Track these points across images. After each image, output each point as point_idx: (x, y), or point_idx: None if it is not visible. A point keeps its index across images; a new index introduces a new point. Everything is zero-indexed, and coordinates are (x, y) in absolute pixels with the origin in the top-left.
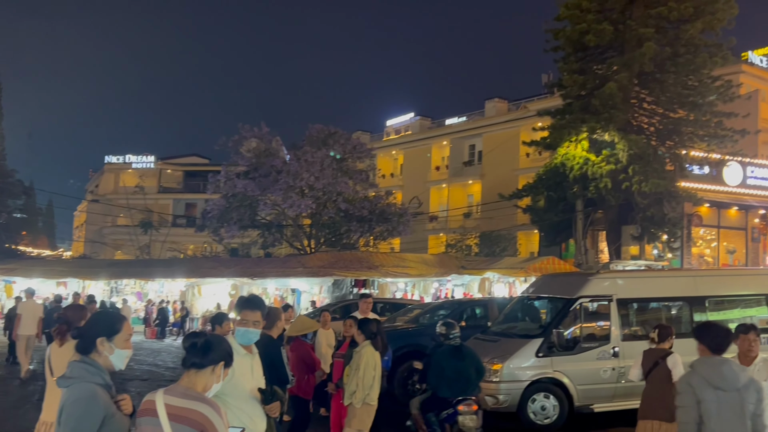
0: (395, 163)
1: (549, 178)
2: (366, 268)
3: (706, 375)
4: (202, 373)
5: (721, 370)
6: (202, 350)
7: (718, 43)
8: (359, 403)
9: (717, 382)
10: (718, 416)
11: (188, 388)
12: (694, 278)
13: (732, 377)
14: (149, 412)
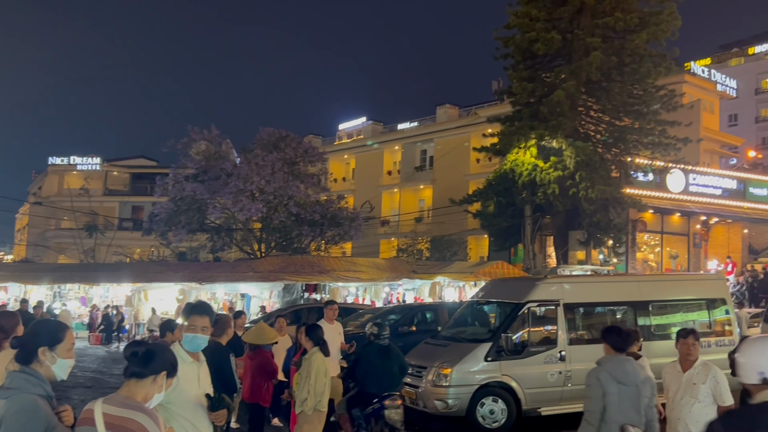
0: (347, 168)
1: (498, 184)
2: (317, 273)
3: (611, 371)
4: (142, 383)
5: (624, 367)
6: (143, 360)
7: (663, 54)
8: (310, 410)
9: (620, 377)
10: (618, 406)
11: (127, 397)
12: (638, 283)
13: (633, 373)
14: (87, 421)
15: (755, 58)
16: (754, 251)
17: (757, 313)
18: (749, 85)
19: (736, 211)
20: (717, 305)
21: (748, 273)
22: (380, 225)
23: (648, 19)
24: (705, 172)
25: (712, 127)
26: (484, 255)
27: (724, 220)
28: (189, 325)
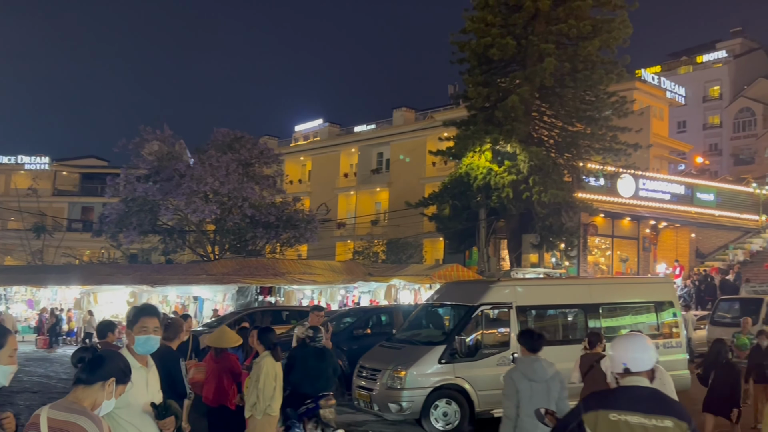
0: (303, 170)
1: (454, 187)
2: (272, 275)
3: (523, 370)
4: (90, 389)
5: (533, 366)
6: (90, 366)
7: (614, 61)
8: (260, 415)
9: (531, 375)
10: (530, 401)
11: (73, 402)
12: (589, 286)
13: (541, 371)
14: (33, 426)
15: (703, 67)
16: (701, 255)
17: (703, 315)
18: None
19: (684, 215)
20: (665, 308)
21: (695, 276)
22: (336, 227)
23: (600, 27)
24: (654, 177)
25: (661, 134)
26: (439, 258)
27: (673, 225)
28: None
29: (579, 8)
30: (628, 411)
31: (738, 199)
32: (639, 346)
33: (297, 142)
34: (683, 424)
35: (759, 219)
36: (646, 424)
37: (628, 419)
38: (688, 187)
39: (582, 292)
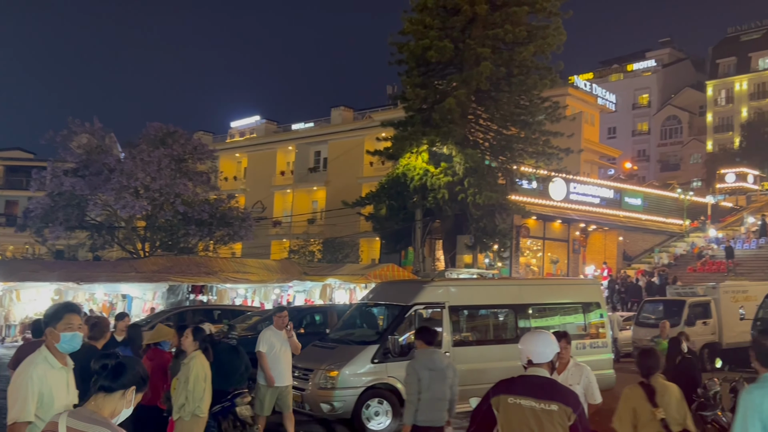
0: (239, 167)
1: (391, 188)
2: (204, 274)
3: (424, 361)
4: (110, 398)
5: (432, 357)
6: (113, 373)
7: (548, 67)
8: (188, 416)
9: (431, 365)
10: (429, 387)
11: (94, 411)
12: (520, 287)
13: (439, 362)
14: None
15: (633, 75)
16: (628, 258)
17: (629, 316)
18: (627, 99)
19: (613, 219)
20: (592, 309)
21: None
22: (272, 226)
23: (535, 33)
24: (585, 181)
25: (592, 139)
26: (375, 257)
27: (602, 228)
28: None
29: (515, 14)
30: (523, 395)
31: (664, 204)
32: (541, 342)
33: (233, 138)
34: (568, 409)
35: (683, 223)
36: (536, 407)
37: (521, 402)
38: (617, 192)
39: (513, 292)
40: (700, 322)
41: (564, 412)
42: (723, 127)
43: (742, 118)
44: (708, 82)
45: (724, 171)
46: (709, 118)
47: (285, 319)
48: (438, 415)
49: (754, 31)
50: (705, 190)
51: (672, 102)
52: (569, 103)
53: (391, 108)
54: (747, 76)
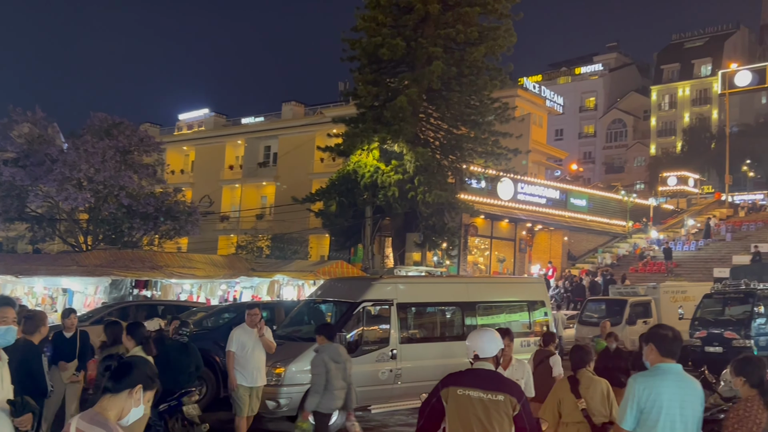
0: (186, 160)
1: (341, 184)
2: (149, 268)
3: (329, 354)
4: (116, 398)
5: (336, 350)
6: (115, 374)
7: (498, 68)
8: None
9: (336, 357)
10: (335, 375)
11: (98, 413)
12: (467, 285)
13: (342, 355)
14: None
15: (581, 78)
16: (573, 257)
17: (573, 315)
18: (574, 102)
19: (558, 219)
20: (537, 307)
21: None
22: (219, 220)
23: (487, 34)
24: (532, 182)
25: (540, 140)
26: (324, 254)
27: (547, 228)
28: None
29: (467, 14)
30: (471, 387)
31: (608, 205)
32: (487, 338)
33: (181, 131)
34: (513, 400)
35: (626, 225)
36: (483, 398)
37: (470, 393)
38: (563, 193)
39: (460, 290)
40: (641, 321)
41: (509, 402)
42: (666, 131)
43: (684, 123)
44: (653, 87)
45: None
46: (653, 123)
47: (257, 317)
48: (339, 402)
49: (697, 38)
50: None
51: (618, 106)
52: (518, 105)
53: (343, 104)
54: (689, 83)
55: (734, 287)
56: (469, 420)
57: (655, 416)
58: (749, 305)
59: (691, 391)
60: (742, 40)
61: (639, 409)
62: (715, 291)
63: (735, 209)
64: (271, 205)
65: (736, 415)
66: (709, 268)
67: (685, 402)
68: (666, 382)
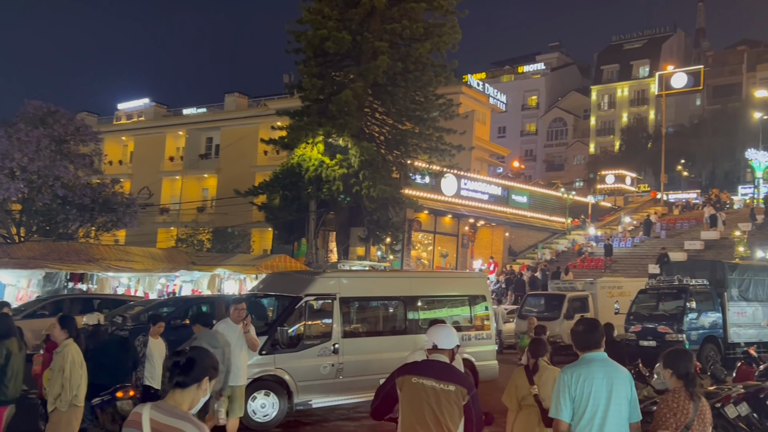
0: (125, 150)
1: (285, 178)
2: (84, 261)
3: (206, 340)
4: (187, 392)
5: (215, 336)
6: (184, 369)
7: (443, 64)
8: (65, 406)
9: (213, 343)
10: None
11: (174, 406)
12: (410, 279)
13: (220, 340)
14: (134, 424)
15: (524, 77)
16: (513, 253)
17: (513, 309)
18: (517, 100)
19: (500, 215)
20: (478, 301)
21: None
22: (159, 213)
23: (432, 30)
24: (475, 178)
25: (483, 137)
26: (267, 248)
27: (489, 224)
28: None
29: (413, 10)
30: (425, 376)
31: (548, 202)
32: (445, 333)
33: (119, 120)
34: (464, 390)
35: (565, 221)
36: (436, 387)
37: (423, 382)
38: (505, 189)
39: (403, 284)
40: (578, 316)
41: (460, 392)
42: (605, 130)
43: (623, 122)
44: (593, 87)
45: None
46: (592, 122)
47: (243, 312)
48: (217, 385)
49: (636, 40)
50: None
51: (559, 105)
52: (462, 102)
53: (288, 97)
54: (628, 83)
55: (668, 283)
56: (421, 407)
57: (587, 403)
58: (682, 300)
59: (618, 375)
60: (679, 43)
61: (572, 399)
62: (650, 287)
63: (670, 207)
64: (212, 197)
65: (666, 405)
66: (645, 264)
67: (614, 386)
68: (593, 369)
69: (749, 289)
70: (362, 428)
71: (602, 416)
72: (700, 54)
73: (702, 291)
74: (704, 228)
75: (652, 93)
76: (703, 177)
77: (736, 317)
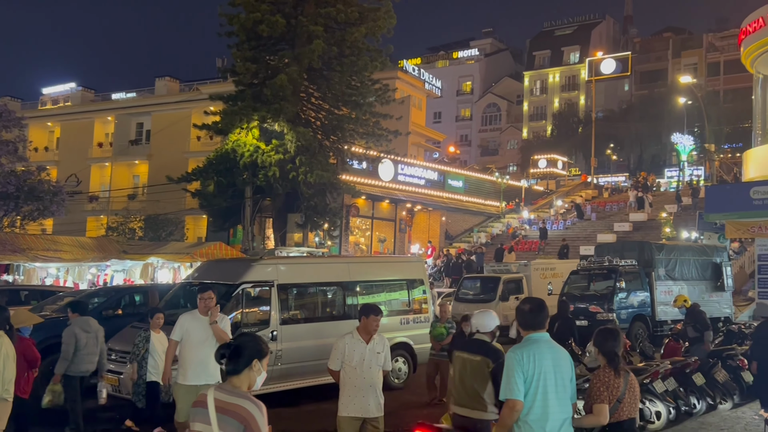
0: (51, 137)
1: (219, 164)
2: (10, 252)
3: (81, 326)
4: (241, 377)
5: (87, 322)
6: (233, 359)
7: (379, 49)
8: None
9: (87, 328)
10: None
11: (234, 387)
12: (348, 265)
13: (93, 326)
14: (201, 404)
15: (458, 62)
16: (450, 237)
17: (449, 292)
18: (452, 86)
19: (437, 200)
20: (416, 285)
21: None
22: (88, 201)
23: (367, 15)
24: (412, 163)
25: (419, 123)
26: (202, 235)
27: (426, 208)
28: None
29: None
30: (464, 351)
31: (483, 186)
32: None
33: (45, 106)
34: (488, 360)
35: (500, 205)
36: (470, 358)
37: (461, 355)
38: (441, 174)
39: (341, 270)
40: (513, 297)
41: (485, 363)
42: (537, 115)
43: (554, 108)
44: (525, 73)
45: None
46: (525, 107)
47: (211, 302)
48: (90, 366)
49: (566, 26)
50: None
51: (492, 90)
52: (398, 87)
53: (221, 81)
54: (559, 69)
55: (598, 264)
56: (461, 373)
57: (537, 382)
58: (612, 281)
59: (561, 355)
60: (608, 30)
61: (524, 378)
62: (581, 268)
63: (599, 190)
64: (144, 184)
65: (599, 380)
66: (576, 246)
67: (558, 365)
68: (541, 349)
69: (675, 269)
70: (301, 414)
71: (548, 395)
72: (628, 40)
73: (631, 271)
74: (632, 210)
75: (583, 79)
76: (631, 161)
77: (663, 296)
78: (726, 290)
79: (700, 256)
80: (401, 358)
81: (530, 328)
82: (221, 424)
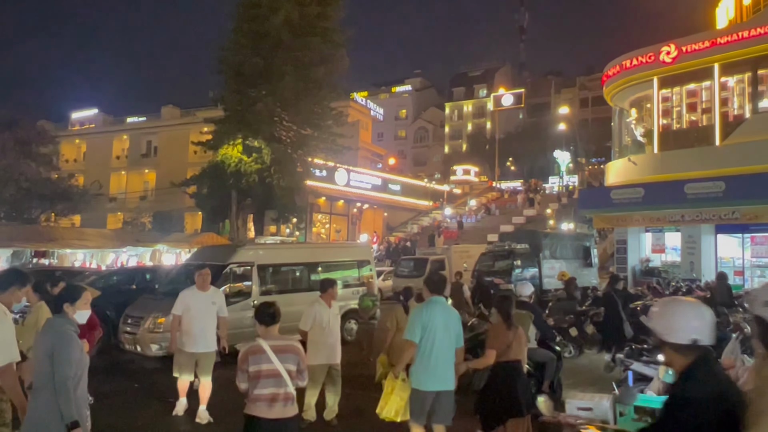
0: (79, 151)
1: (211, 172)
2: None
3: None
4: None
5: None
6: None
7: (336, 84)
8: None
9: None
10: None
11: (276, 335)
12: (311, 249)
13: None
14: (258, 350)
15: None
16: (391, 228)
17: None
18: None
19: (380, 200)
20: (364, 265)
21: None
22: (108, 201)
23: (327, 58)
24: (361, 171)
25: (366, 140)
26: (198, 228)
27: (372, 206)
28: None
29: (311, 42)
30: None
31: (415, 189)
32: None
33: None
34: (529, 313)
35: (428, 204)
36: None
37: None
38: (383, 180)
39: (306, 253)
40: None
41: (528, 315)
42: (455, 136)
43: (468, 130)
44: (446, 104)
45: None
46: (446, 130)
47: (207, 278)
48: None
49: (477, 69)
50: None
51: (422, 117)
52: (350, 113)
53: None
54: (471, 101)
55: (500, 247)
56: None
57: (431, 330)
58: (510, 260)
59: (451, 314)
60: (507, 72)
61: (422, 327)
62: (488, 250)
63: (501, 193)
64: (152, 188)
65: (493, 333)
66: (484, 234)
67: (448, 321)
68: (436, 308)
69: (557, 251)
70: None
71: (436, 339)
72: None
73: (524, 253)
74: (525, 207)
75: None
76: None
77: (548, 270)
78: (593, 266)
79: (574, 241)
80: (353, 320)
81: (433, 292)
82: (282, 360)
